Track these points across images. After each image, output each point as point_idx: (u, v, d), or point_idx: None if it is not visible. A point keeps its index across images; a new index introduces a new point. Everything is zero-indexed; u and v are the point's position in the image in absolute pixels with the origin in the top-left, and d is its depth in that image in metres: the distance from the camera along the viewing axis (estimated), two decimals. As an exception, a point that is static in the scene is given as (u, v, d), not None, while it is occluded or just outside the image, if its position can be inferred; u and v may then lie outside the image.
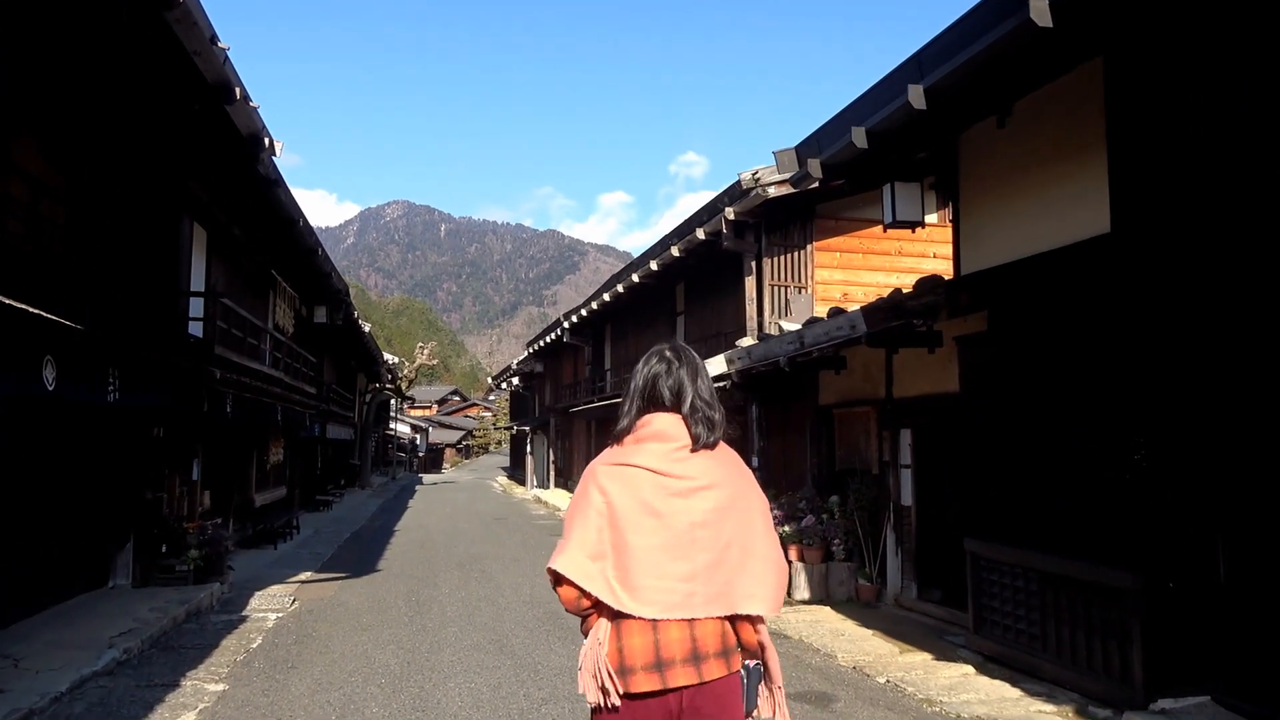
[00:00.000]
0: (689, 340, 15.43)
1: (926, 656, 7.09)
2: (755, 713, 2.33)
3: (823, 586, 9.72)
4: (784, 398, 11.47)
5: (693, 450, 2.31)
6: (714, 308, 14.53)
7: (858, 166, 7.45)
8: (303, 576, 10.90)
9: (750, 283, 11.66)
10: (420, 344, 42.22)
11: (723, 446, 2.41)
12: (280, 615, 8.42)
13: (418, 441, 62.16)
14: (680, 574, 2.20)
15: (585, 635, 2.26)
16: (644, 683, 2.16)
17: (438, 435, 71.71)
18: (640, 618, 2.17)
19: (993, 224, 7.14)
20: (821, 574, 9.74)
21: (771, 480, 11.26)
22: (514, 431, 42.92)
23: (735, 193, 11.25)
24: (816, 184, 8.81)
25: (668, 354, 2.45)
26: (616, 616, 2.20)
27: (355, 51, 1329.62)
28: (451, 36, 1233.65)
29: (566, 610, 2.26)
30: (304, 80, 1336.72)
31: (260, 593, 9.52)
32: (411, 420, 63.05)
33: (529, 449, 35.30)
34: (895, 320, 7.51)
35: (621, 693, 2.16)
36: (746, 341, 11.15)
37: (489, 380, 66.07)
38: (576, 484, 2.49)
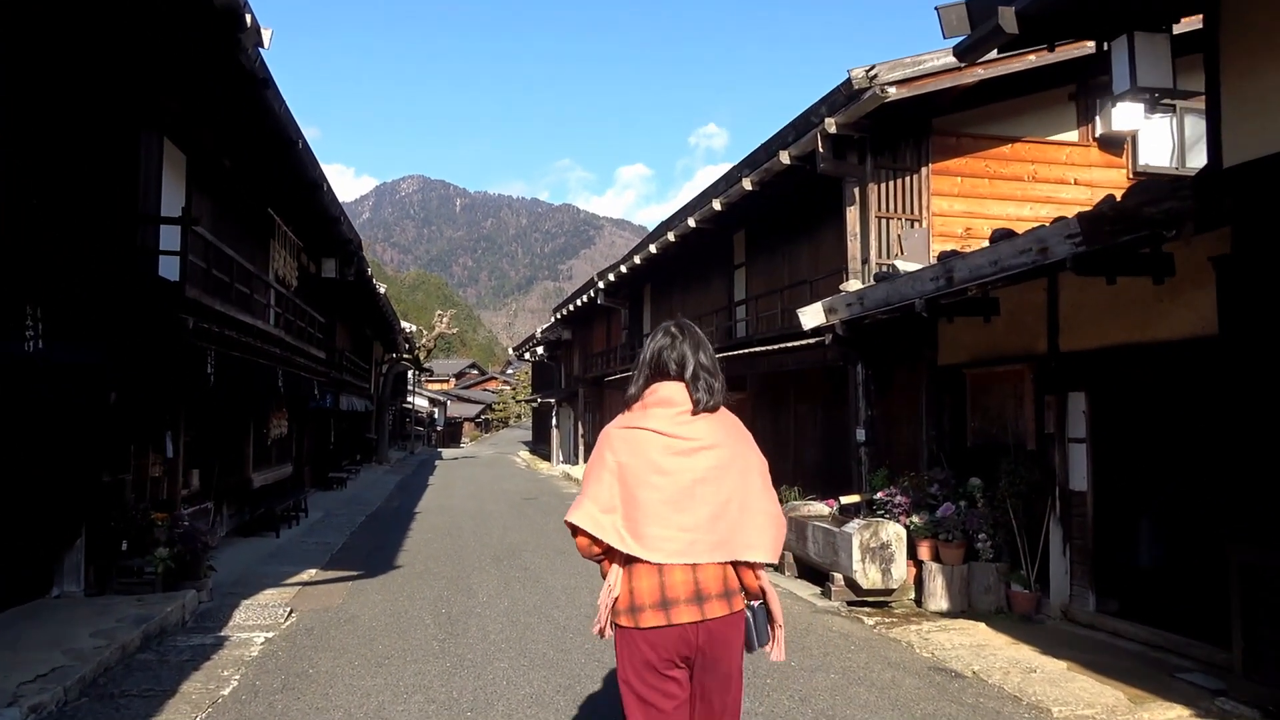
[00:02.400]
0: (754, 296, 13.25)
1: (1181, 712, 4.95)
2: (765, 648, 2.62)
3: (964, 594, 7.60)
4: (889, 357, 9.30)
5: (694, 414, 2.56)
6: (788, 255, 12.31)
7: (1077, 11, 5.23)
8: (305, 576, 8.86)
9: (853, 215, 9.42)
10: (440, 311, 40.16)
11: (724, 411, 2.64)
12: (270, 636, 6.38)
13: (435, 415, 60.41)
14: (683, 524, 2.46)
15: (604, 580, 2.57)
16: (651, 619, 2.44)
17: (456, 409, 69.96)
18: (647, 562, 2.45)
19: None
20: (962, 577, 7.61)
21: (878, 458, 9.12)
22: (537, 404, 40.90)
23: (837, 99, 9.00)
24: (993, 55, 6.61)
25: (673, 329, 2.68)
26: (628, 562, 2.50)
27: (372, 23, 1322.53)
28: (469, 7, 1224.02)
29: (582, 556, 2.55)
30: (321, 53, 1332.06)
31: (248, 601, 7.49)
32: (429, 393, 61.22)
33: (554, 422, 33.29)
34: (1127, 234, 5.30)
35: (634, 626, 2.46)
36: (854, 285, 8.96)
37: (509, 351, 64.17)
38: (608, 457, 2.91)
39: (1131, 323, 6.61)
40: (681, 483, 2.47)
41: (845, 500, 8.87)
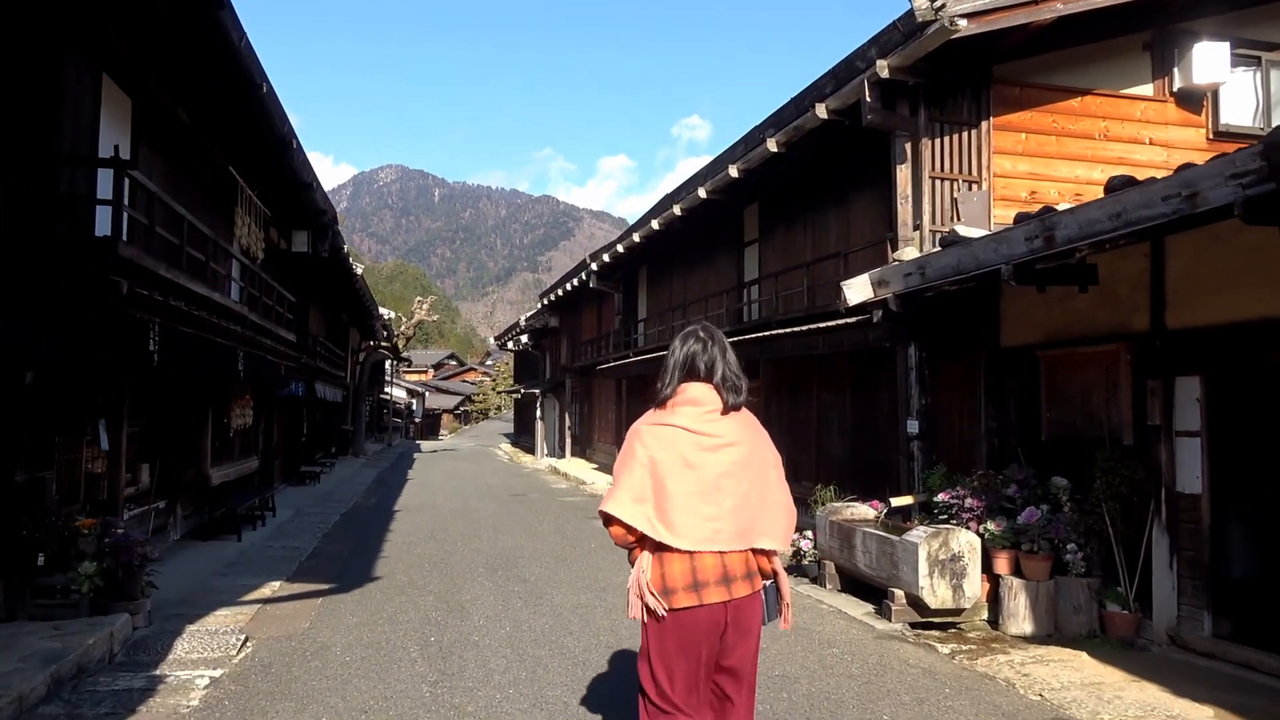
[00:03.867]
0: (770, 274, 12.07)
1: None
2: (775, 622, 2.90)
3: (1050, 614, 6.43)
4: (940, 338, 8.12)
5: (723, 413, 2.80)
6: (813, 227, 11.11)
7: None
8: (267, 590, 7.55)
9: (904, 175, 8.20)
10: (419, 298, 38.66)
11: (744, 410, 2.87)
12: (217, 676, 5.09)
13: (414, 406, 58.88)
14: (709, 514, 2.69)
15: (633, 565, 2.79)
16: (683, 600, 2.66)
17: (434, 400, 68.40)
18: (679, 549, 2.67)
19: None
20: (1049, 595, 6.44)
21: (930, 452, 7.93)
22: (520, 395, 39.51)
23: (892, 38, 7.78)
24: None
25: (701, 334, 2.91)
26: (658, 549, 2.70)
27: (351, 10, 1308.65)
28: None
29: (615, 544, 2.77)
30: (299, 40, 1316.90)
31: (195, 626, 6.19)
32: (407, 384, 59.66)
33: (539, 414, 31.96)
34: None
35: (666, 608, 2.66)
36: (910, 253, 7.76)
37: (489, 342, 62.74)
38: (598, 454, 7.00)
39: (1267, 292, 5.47)
40: (708, 476, 2.70)
41: (896, 502, 7.67)
